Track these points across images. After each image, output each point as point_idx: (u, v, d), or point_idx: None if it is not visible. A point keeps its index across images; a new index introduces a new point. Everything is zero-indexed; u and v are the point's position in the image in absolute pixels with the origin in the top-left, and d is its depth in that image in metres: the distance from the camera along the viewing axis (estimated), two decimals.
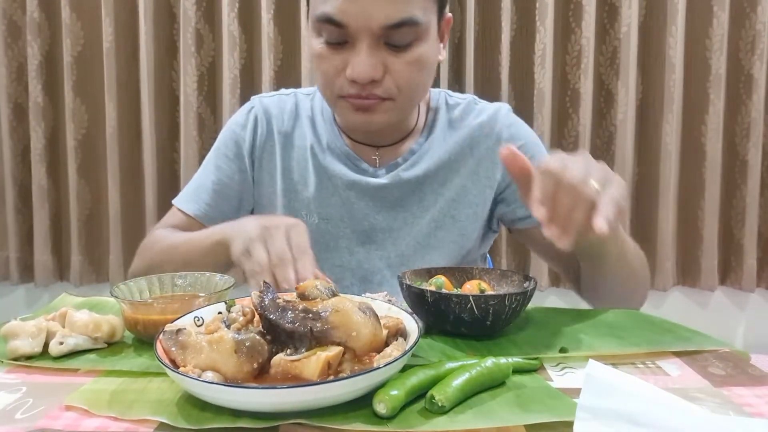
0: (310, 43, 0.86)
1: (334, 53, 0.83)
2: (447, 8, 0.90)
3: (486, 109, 1.02)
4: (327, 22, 0.80)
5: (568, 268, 1.00)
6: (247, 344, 0.49)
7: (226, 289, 0.66)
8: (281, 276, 0.71)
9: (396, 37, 0.81)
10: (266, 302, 0.52)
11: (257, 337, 0.50)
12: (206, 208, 1.00)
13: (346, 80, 0.83)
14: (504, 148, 0.67)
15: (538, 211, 0.61)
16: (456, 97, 1.04)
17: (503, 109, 1.02)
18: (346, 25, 0.79)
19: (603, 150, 1.94)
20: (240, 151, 1.01)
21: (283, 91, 1.07)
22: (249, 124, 1.02)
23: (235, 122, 1.04)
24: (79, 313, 0.62)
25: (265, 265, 0.72)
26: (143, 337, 0.63)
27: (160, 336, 0.52)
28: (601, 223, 0.58)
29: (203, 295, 0.66)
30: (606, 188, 0.61)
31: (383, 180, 0.96)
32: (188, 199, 1.02)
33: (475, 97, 1.05)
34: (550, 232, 0.61)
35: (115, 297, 0.64)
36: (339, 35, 0.81)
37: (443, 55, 0.93)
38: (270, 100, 1.04)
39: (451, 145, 0.98)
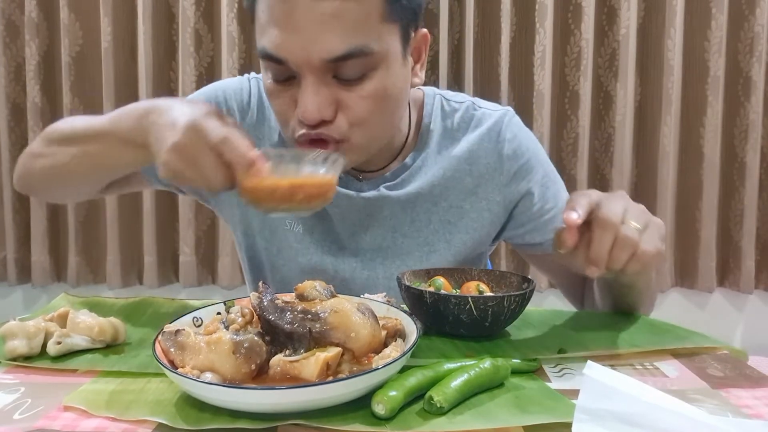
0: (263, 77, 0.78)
1: (283, 90, 0.75)
2: (419, 25, 0.79)
3: (486, 116, 0.91)
4: (267, 58, 0.72)
5: (574, 290, 0.96)
6: (245, 345, 0.49)
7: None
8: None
9: (345, 70, 0.71)
10: (265, 303, 0.52)
11: (256, 338, 0.50)
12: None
13: (297, 120, 0.74)
14: (562, 229, 0.62)
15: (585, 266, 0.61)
16: (453, 100, 0.93)
17: (505, 117, 0.91)
18: (285, 60, 0.71)
19: (601, 152, 1.94)
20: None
21: None
22: (244, 106, 0.90)
23: (229, 94, 0.91)
24: (83, 315, 0.62)
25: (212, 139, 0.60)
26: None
27: (159, 336, 0.52)
28: (634, 266, 0.61)
29: None
30: (646, 229, 0.63)
31: (368, 194, 0.87)
32: None
33: (475, 100, 0.94)
34: (589, 270, 0.61)
35: None
36: (283, 71, 0.73)
37: (421, 77, 0.82)
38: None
39: (447, 159, 0.89)
